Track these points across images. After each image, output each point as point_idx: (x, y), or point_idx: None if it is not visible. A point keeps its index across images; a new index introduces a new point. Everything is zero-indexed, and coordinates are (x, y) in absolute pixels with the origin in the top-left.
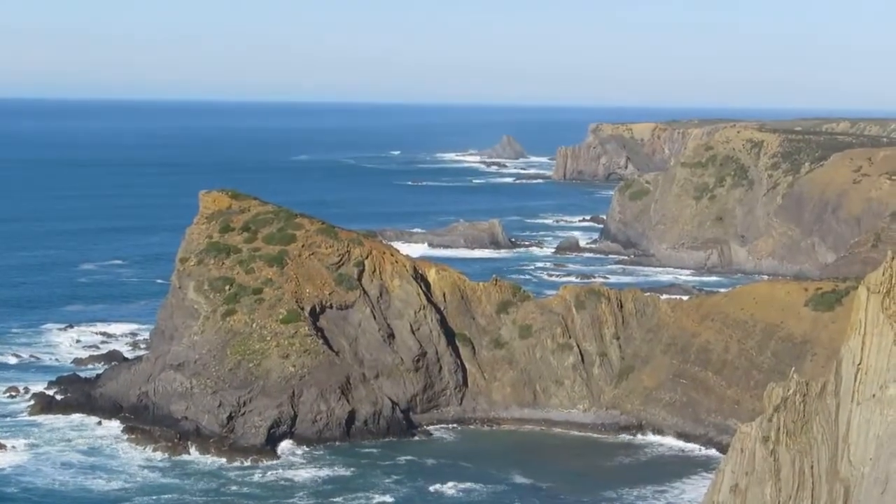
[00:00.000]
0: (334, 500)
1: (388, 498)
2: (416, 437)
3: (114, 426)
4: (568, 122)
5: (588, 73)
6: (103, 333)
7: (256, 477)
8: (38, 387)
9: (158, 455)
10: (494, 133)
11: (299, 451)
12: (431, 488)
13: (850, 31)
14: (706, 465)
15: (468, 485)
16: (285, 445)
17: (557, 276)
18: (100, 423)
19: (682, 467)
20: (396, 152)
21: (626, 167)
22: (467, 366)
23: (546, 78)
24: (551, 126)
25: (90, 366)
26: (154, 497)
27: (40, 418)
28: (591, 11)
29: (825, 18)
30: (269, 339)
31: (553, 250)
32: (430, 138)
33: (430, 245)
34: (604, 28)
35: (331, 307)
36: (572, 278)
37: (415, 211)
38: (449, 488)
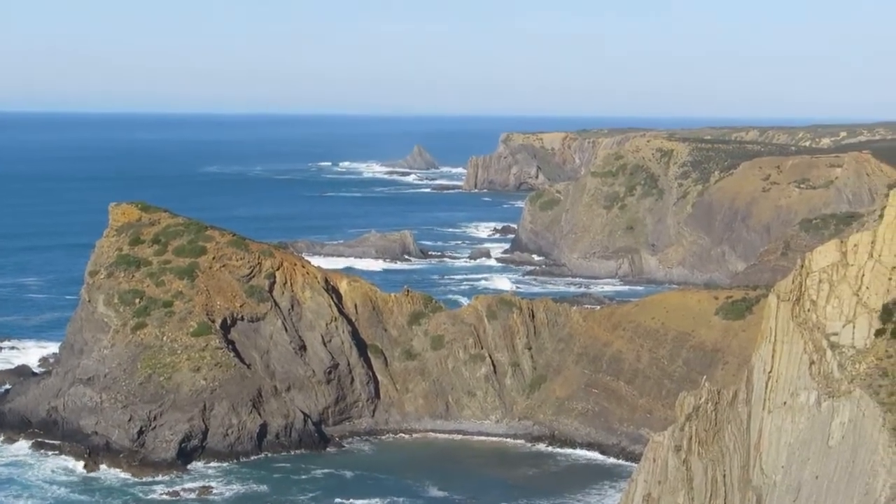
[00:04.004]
0: None
1: None
2: (330, 450)
3: (23, 442)
4: (479, 132)
5: (499, 83)
6: (11, 348)
7: (167, 493)
8: None
9: (68, 470)
10: (405, 144)
11: (211, 466)
12: (349, 502)
13: (757, 39)
14: (619, 474)
15: (388, 499)
16: (197, 460)
17: (469, 285)
18: (8, 439)
19: (595, 477)
20: (307, 164)
21: (536, 177)
22: (379, 377)
23: (457, 88)
24: (463, 136)
25: None
26: None
27: None
28: (499, 21)
29: (731, 27)
30: (179, 352)
31: (465, 260)
32: (341, 149)
33: (342, 256)
34: (513, 37)
35: (242, 319)
36: (483, 285)
37: (326, 223)
38: (366, 502)
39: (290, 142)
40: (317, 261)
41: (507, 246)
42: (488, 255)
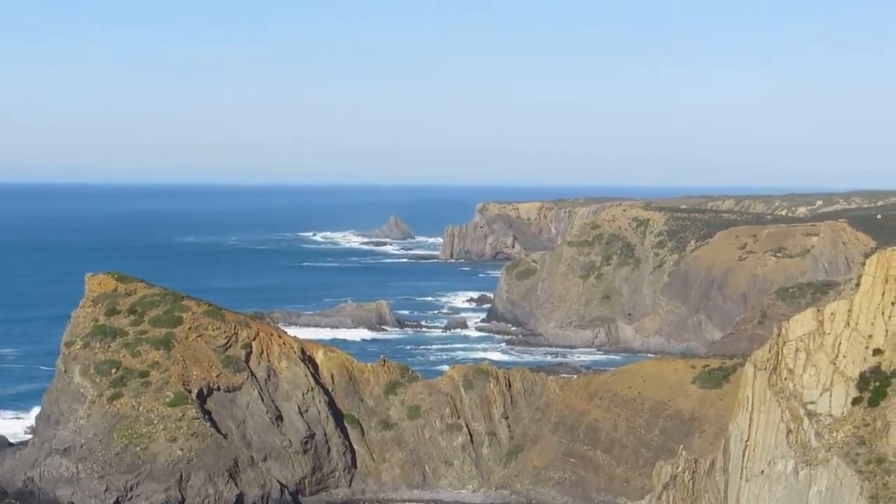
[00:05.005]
0: None
1: None
2: None
3: None
4: (455, 202)
5: (474, 152)
6: None
7: None
8: None
9: None
10: (382, 213)
11: None
12: None
13: (732, 109)
14: None
15: None
16: None
17: (445, 355)
18: None
19: None
20: (284, 234)
21: (513, 246)
22: (356, 447)
23: (433, 157)
24: (439, 205)
25: None
26: None
27: None
28: (475, 89)
29: (709, 97)
30: (156, 422)
31: (441, 330)
32: (318, 219)
33: (318, 326)
34: (488, 106)
35: (218, 389)
36: (462, 356)
37: (303, 293)
38: None
39: (266, 212)
40: (293, 331)
41: (483, 315)
42: (465, 325)
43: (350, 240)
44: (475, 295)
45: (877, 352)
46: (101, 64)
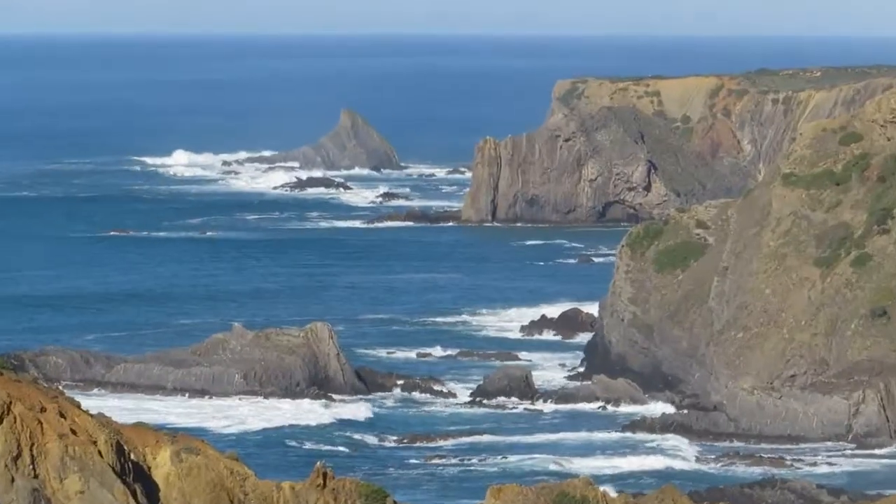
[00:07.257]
0: None
1: None
2: None
3: None
4: (496, 75)
5: None
6: None
7: None
8: None
9: None
10: (321, 107)
11: None
12: None
13: None
14: None
15: None
16: None
17: (480, 462)
18: None
19: None
20: (86, 158)
21: (646, 186)
22: None
23: None
24: (458, 86)
25: None
26: None
27: None
28: None
29: None
30: None
31: (469, 400)
32: (168, 123)
33: (160, 388)
34: None
35: None
36: (520, 464)
37: (124, 306)
38: None
39: (44, 108)
40: (98, 402)
41: (574, 359)
42: (529, 389)
43: (246, 173)
44: (553, 311)
45: None
46: None
